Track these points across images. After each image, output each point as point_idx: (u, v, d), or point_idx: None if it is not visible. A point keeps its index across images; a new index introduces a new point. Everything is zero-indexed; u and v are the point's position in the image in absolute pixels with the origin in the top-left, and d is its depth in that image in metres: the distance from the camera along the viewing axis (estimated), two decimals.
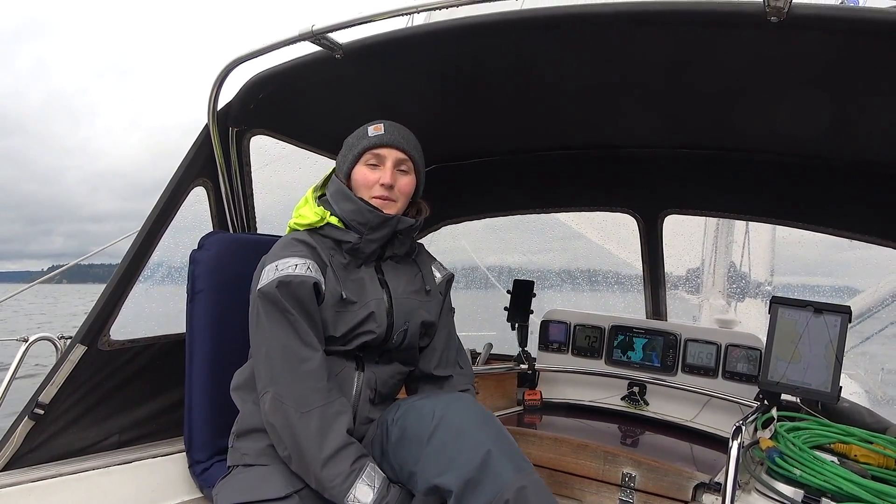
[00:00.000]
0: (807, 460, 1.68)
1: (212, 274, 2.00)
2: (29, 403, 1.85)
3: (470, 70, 1.99)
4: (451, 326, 2.04)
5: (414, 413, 1.63)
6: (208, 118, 2.14)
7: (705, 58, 1.74)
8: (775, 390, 2.05)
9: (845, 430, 1.89)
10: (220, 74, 2.03)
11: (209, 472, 1.91)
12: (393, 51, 1.84)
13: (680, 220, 3.02)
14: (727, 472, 1.60)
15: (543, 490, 1.47)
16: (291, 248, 1.72)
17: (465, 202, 3.28)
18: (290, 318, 1.63)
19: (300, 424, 1.57)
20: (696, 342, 2.61)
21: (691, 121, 2.30)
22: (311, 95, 2.21)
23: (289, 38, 1.80)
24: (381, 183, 1.75)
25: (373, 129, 1.79)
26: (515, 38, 1.73)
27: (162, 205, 2.07)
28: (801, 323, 2.06)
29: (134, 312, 2.09)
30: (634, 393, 2.74)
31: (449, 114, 2.42)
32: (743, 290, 5.08)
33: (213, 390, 1.95)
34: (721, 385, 2.51)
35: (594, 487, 2.06)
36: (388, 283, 1.82)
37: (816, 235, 2.50)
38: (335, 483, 1.52)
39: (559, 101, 2.22)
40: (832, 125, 2.04)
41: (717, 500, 1.82)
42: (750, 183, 2.53)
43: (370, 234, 1.77)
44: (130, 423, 2.07)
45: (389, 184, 1.76)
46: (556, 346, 2.97)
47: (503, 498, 1.39)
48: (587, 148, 2.72)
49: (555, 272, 8.30)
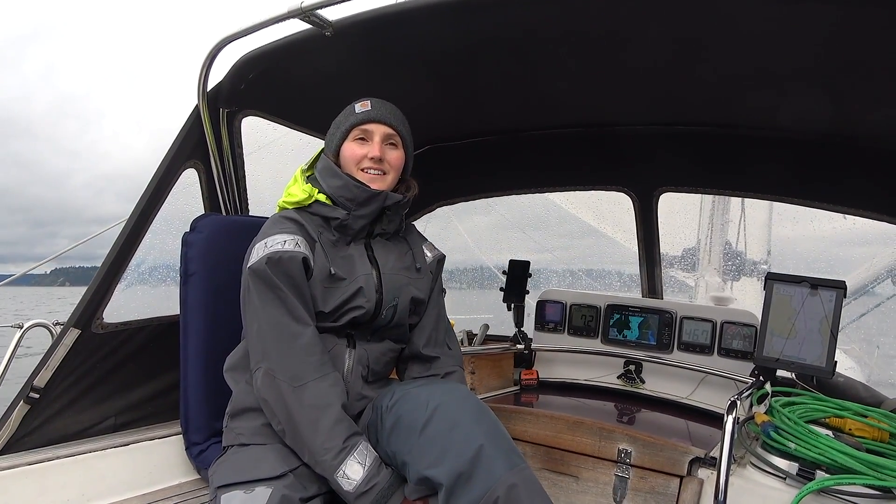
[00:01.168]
0: (801, 434, 1.69)
1: (204, 256, 2.00)
2: (24, 387, 1.84)
3: (463, 47, 1.97)
4: (441, 307, 2.04)
5: (409, 401, 1.63)
6: (198, 99, 2.12)
7: (702, 35, 1.72)
8: (771, 366, 2.06)
9: (840, 405, 1.90)
10: (210, 54, 2.01)
11: (206, 454, 1.92)
12: (384, 28, 1.82)
13: (675, 198, 3.01)
14: (722, 446, 1.60)
15: (535, 487, 1.46)
16: (280, 225, 1.73)
17: (459, 183, 3.27)
18: (280, 294, 1.64)
19: (293, 398, 1.57)
20: (692, 320, 2.62)
21: (687, 98, 2.28)
22: (302, 75, 2.18)
23: (277, 16, 1.78)
24: (369, 156, 1.76)
25: (360, 106, 1.80)
26: (509, 14, 1.71)
27: (153, 188, 2.06)
28: (796, 299, 2.06)
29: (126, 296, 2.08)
30: (630, 371, 2.75)
31: (442, 93, 2.40)
32: (738, 268, 5.09)
33: (208, 372, 1.95)
34: (717, 362, 2.52)
35: (590, 463, 2.08)
36: (377, 260, 1.83)
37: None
38: (326, 458, 1.53)
39: (554, 79, 2.20)
40: (830, 101, 2.02)
41: (712, 473, 1.83)
42: (746, 160, 2.51)
43: (358, 209, 1.77)
44: (126, 406, 2.07)
45: (378, 156, 1.77)
46: (552, 325, 2.97)
47: (494, 495, 1.39)
48: (582, 126, 2.71)
49: (558, 273, 8.30)
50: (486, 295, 6.36)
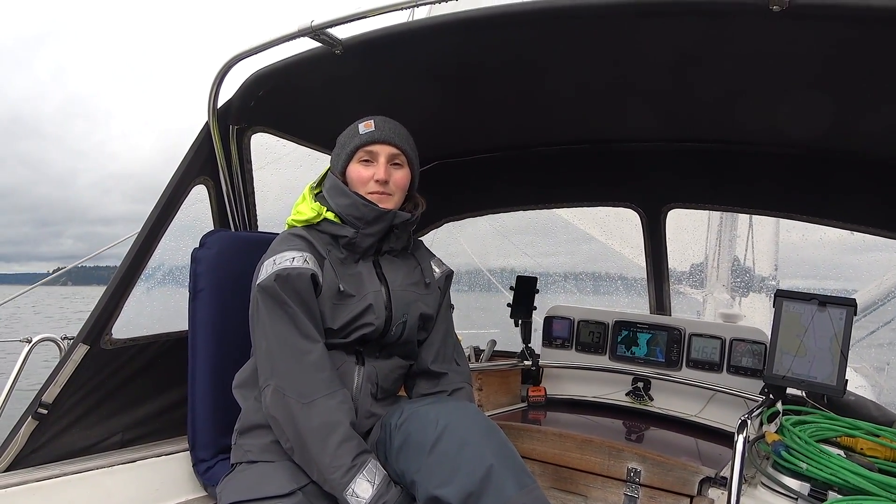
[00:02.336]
0: (813, 454, 1.67)
1: (213, 272, 2.00)
2: (32, 403, 1.85)
3: (471, 65, 1.98)
4: (450, 323, 2.04)
5: (417, 420, 1.62)
6: (209, 116, 2.14)
7: (707, 52, 1.73)
8: (780, 384, 2.04)
9: (851, 424, 1.88)
10: (220, 71, 2.03)
11: (213, 471, 1.91)
12: (393, 46, 1.83)
13: (683, 214, 3.01)
14: (733, 466, 1.58)
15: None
16: (288, 242, 1.74)
17: (466, 199, 3.27)
18: (289, 310, 1.64)
19: (302, 416, 1.57)
20: (701, 337, 2.60)
21: (693, 115, 2.28)
22: (312, 92, 2.20)
23: (288, 34, 1.80)
24: (375, 179, 1.77)
25: (363, 127, 1.80)
26: (517, 31, 1.72)
27: (163, 204, 2.07)
28: (805, 316, 2.05)
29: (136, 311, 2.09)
30: (639, 388, 2.73)
31: (449, 109, 2.41)
32: (747, 284, 5.07)
33: (216, 389, 1.95)
34: (726, 379, 2.50)
35: (599, 483, 2.06)
36: (385, 277, 1.83)
37: (823, 237, 2.49)
38: (335, 476, 1.52)
39: (560, 96, 2.21)
40: (836, 117, 2.02)
41: (723, 494, 1.81)
42: (753, 176, 2.51)
43: (366, 228, 1.77)
44: (133, 422, 2.07)
45: (384, 179, 1.77)
46: (559, 342, 2.96)
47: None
48: (589, 143, 2.71)
49: (560, 275, 8.28)
50: (489, 299, 6.34)
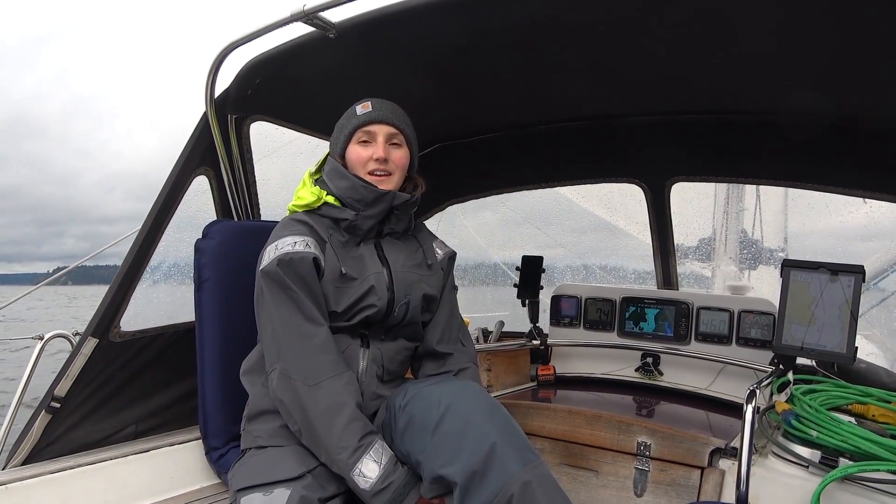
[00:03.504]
0: (823, 421, 1.66)
1: (218, 262, 2.01)
2: (45, 397, 1.87)
3: (466, 44, 1.96)
4: (454, 304, 2.04)
5: (421, 400, 1.63)
6: (206, 106, 2.13)
7: (705, 21, 1.70)
8: (790, 353, 2.03)
9: (863, 391, 1.87)
10: (216, 61, 2.02)
11: (225, 458, 1.93)
12: (387, 27, 1.81)
13: (689, 188, 2.98)
14: (742, 435, 1.58)
15: (550, 483, 1.45)
16: (290, 227, 1.75)
17: (469, 180, 3.26)
18: (292, 294, 1.65)
19: (309, 397, 1.58)
20: (709, 310, 2.59)
21: (693, 86, 2.25)
22: (308, 78, 2.19)
23: (281, 20, 1.79)
24: (374, 158, 1.77)
25: (361, 108, 1.81)
26: (512, 8, 1.70)
27: (164, 195, 2.07)
28: (814, 285, 2.03)
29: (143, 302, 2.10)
30: (648, 364, 2.72)
31: (448, 90, 2.39)
32: (755, 256, 5.03)
33: (225, 377, 1.96)
34: (735, 352, 2.49)
35: (610, 457, 2.06)
36: (387, 258, 1.83)
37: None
38: (342, 456, 1.54)
39: (559, 73, 2.19)
40: (841, 84, 1.99)
41: (734, 464, 1.81)
42: (758, 146, 2.48)
43: (366, 209, 1.78)
44: (146, 413, 2.09)
45: (383, 157, 1.77)
46: (567, 320, 2.95)
47: (508, 492, 1.39)
48: (589, 119, 2.69)
49: (569, 267, 8.25)
50: (498, 292, 6.33)
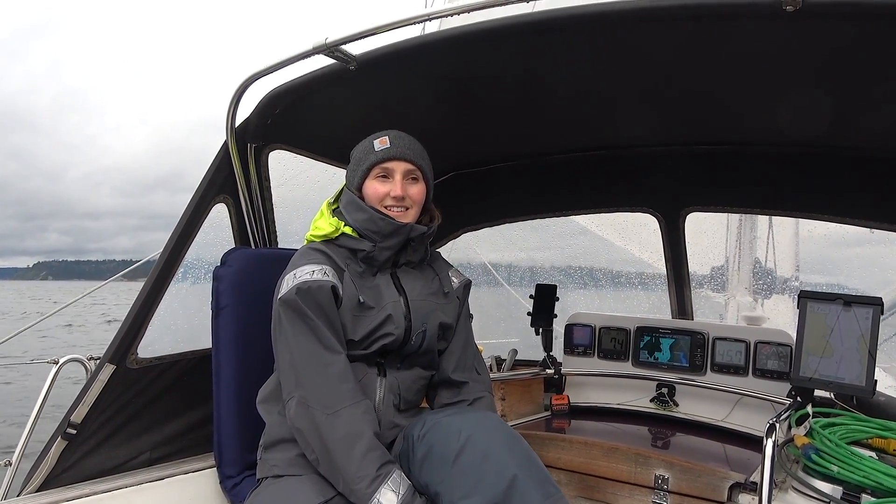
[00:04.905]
0: (844, 456, 1.64)
1: (235, 289, 2.02)
2: (61, 423, 1.88)
3: (482, 76, 2.00)
4: (469, 332, 2.04)
5: (440, 431, 1.62)
6: (227, 135, 2.17)
7: (719, 53, 1.72)
8: (808, 386, 2.01)
9: (883, 425, 1.85)
10: (237, 91, 2.06)
11: (240, 487, 1.92)
12: (406, 60, 1.85)
13: (702, 218, 2.98)
14: (763, 470, 1.56)
15: None
16: (308, 256, 1.76)
17: (483, 209, 3.28)
18: (310, 323, 1.66)
19: (326, 426, 1.58)
20: (725, 340, 2.57)
21: (707, 117, 2.27)
22: (327, 108, 2.22)
23: (303, 52, 1.83)
24: (392, 195, 1.79)
25: (378, 143, 1.82)
26: (527, 41, 1.73)
27: (184, 222, 2.10)
28: (831, 317, 2.02)
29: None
30: (663, 394, 2.69)
31: (463, 121, 2.43)
32: (769, 286, 4.99)
33: (241, 405, 1.96)
34: (752, 383, 2.47)
35: (627, 490, 2.04)
36: (404, 288, 1.84)
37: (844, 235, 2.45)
38: (360, 486, 1.53)
39: (573, 104, 2.21)
40: (852, 115, 2.00)
41: (754, 499, 1.78)
42: (770, 177, 2.49)
43: (383, 241, 1.79)
44: (161, 440, 2.09)
45: (401, 195, 1.79)
46: (581, 349, 2.94)
47: None
48: (604, 149, 2.71)
49: (557, 269, 8.16)
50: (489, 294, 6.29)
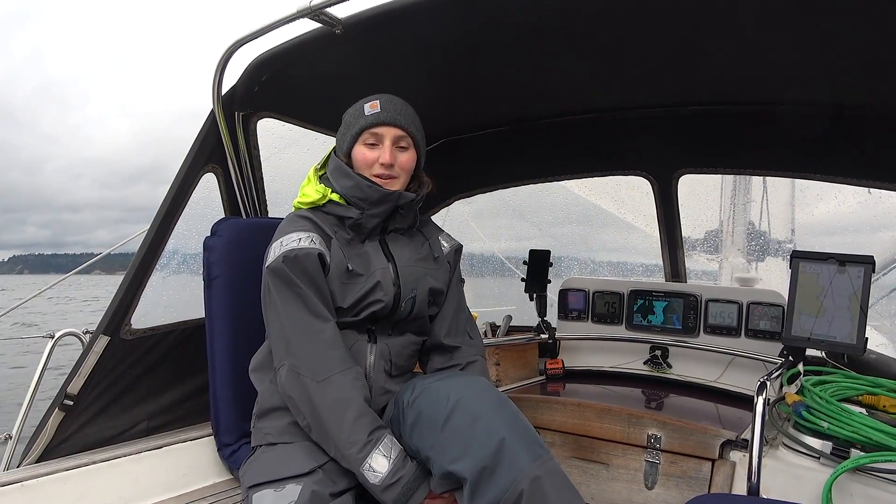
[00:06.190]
0: (834, 412, 1.66)
1: (226, 259, 2.02)
2: (58, 395, 1.89)
3: (472, 38, 1.96)
4: (461, 297, 2.04)
5: (429, 396, 1.63)
6: (213, 104, 2.14)
7: (710, 8, 1.69)
8: (799, 345, 2.02)
9: (873, 382, 1.86)
10: (223, 58, 2.02)
11: (237, 454, 1.95)
12: (393, 22, 1.81)
13: (695, 180, 2.97)
14: (753, 427, 1.58)
15: (560, 478, 1.45)
16: (295, 224, 1.75)
17: (475, 175, 3.26)
18: (298, 290, 1.66)
19: (317, 393, 1.59)
20: (717, 302, 2.58)
21: (698, 77, 2.24)
22: (314, 74, 2.19)
23: (288, 16, 1.79)
24: (380, 162, 1.76)
25: (369, 107, 1.78)
26: (518, 2, 1.69)
27: (173, 193, 2.08)
28: (823, 276, 2.02)
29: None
30: (657, 356, 2.72)
31: (454, 85, 2.39)
32: (763, 248, 5.01)
33: (236, 374, 1.97)
34: (744, 344, 2.49)
35: (620, 450, 2.07)
36: (392, 254, 1.83)
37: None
38: (352, 451, 1.54)
39: (564, 66, 2.18)
40: (848, 71, 1.98)
41: (745, 456, 1.81)
42: (765, 137, 2.47)
43: (371, 209, 1.78)
44: (158, 410, 2.11)
45: (389, 163, 1.76)
46: (575, 314, 2.95)
47: (518, 488, 1.38)
48: (595, 112, 2.68)
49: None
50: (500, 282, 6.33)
